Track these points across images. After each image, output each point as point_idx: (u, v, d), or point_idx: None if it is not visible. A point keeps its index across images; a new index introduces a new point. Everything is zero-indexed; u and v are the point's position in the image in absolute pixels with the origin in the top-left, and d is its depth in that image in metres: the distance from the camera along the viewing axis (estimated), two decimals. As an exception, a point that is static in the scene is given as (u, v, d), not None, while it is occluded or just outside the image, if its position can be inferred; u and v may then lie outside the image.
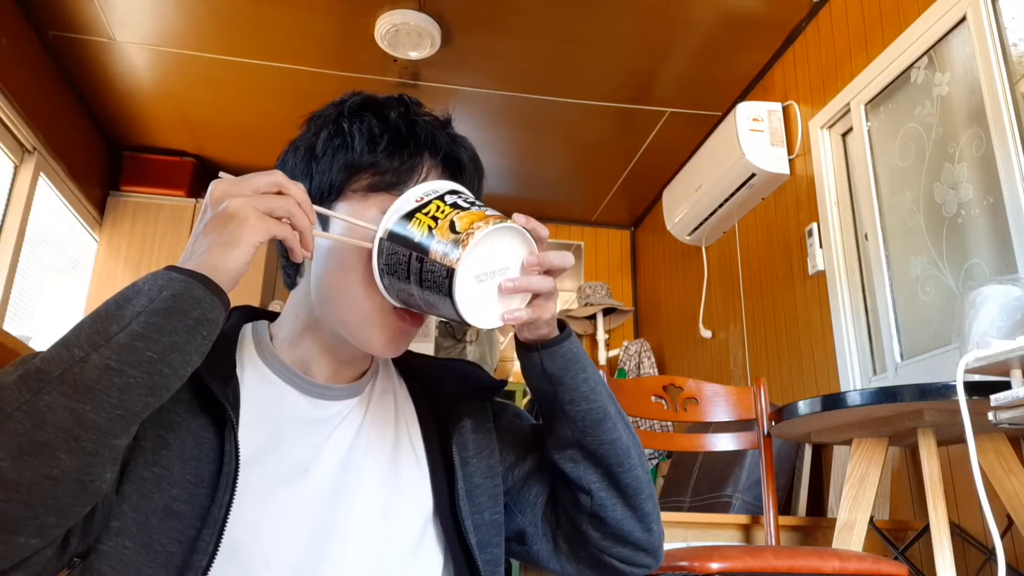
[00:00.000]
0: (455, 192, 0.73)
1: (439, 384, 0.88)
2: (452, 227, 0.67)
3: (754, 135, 2.89)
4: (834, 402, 1.60)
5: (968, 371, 1.22)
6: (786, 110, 2.93)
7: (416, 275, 0.68)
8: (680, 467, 2.58)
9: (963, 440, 1.37)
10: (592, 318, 4.07)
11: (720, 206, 3.19)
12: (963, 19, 2.08)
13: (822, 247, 2.63)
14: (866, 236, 2.47)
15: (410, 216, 0.70)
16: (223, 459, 0.69)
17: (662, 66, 3.08)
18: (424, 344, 3.79)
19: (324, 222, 0.78)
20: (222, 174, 0.68)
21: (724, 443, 1.96)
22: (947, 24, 2.14)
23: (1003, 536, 1.76)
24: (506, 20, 2.82)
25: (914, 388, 1.50)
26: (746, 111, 2.93)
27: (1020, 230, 1.84)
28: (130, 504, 0.66)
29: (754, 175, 2.91)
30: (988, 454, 1.59)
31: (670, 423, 3.17)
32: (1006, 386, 1.21)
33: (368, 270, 0.73)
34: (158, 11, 2.83)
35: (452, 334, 3.73)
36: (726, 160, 3.00)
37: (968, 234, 2.06)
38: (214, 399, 0.71)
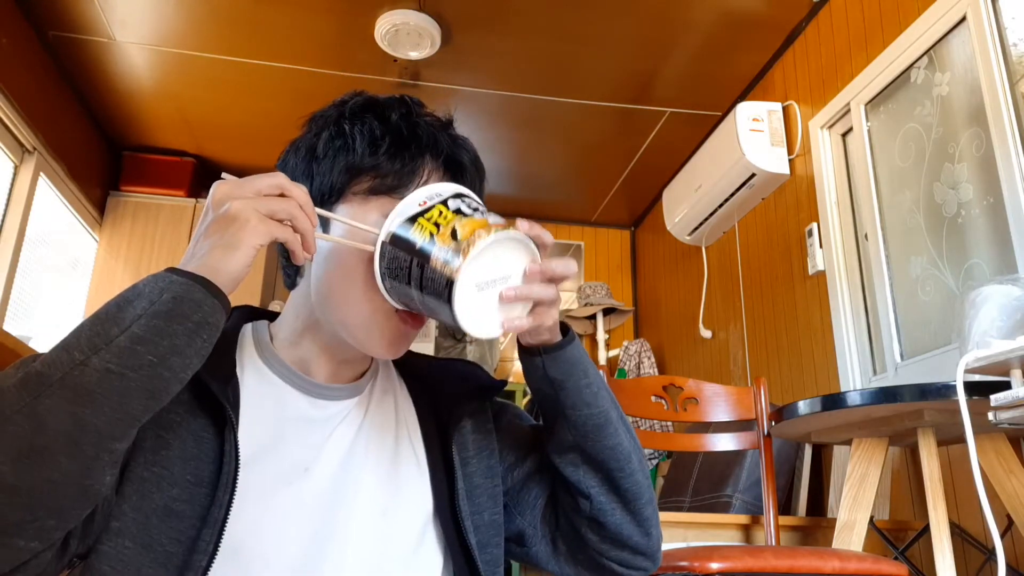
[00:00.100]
0: (459, 196, 0.72)
1: (439, 384, 0.88)
2: (454, 234, 0.67)
3: (754, 135, 2.89)
4: (834, 402, 1.60)
5: (968, 371, 1.22)
6: (786, 110, 2.93)
7: (417, 280, 0.68)
8: (680, 467, 2.58)
9: (963, 440, 1.37)
10: (592, 318, 4.07)
11: (720, 206, 3.19)
12: (963, 19, 2.08)
13: (822, 247, 2.63)
14: (866, 236, 2.47)
15: (413, 220, 0.69)
16: (223, 459, 0.69)
17: (662, 66, 3.08)
18: (424, 344, 3.78)
19: (325, 224, 0.78)
20: (224, 175, 0.67)
21: (724, 443, 1.96)
22: (947, 24, 2.14)
23: (1003, 536, 1.76)
24: (506, 20, 2.82)
25: (914, 388, 1.50)
26: (746, 111, 2.93)
27: (1020, 230, 1.84)
28: (130, 504, 0.66)
29: (754, 175, 2.91)
30: (988, 454, 1.59)
31: (670, 423, 3.17)
32: (1006, 386, 1.21)
33: (369, 272, 0.72)
34: (158, 11, 2.82)
35: (452, 334, 3.73)
36: (726, 160, 3.00)
37: (968, 234, 2.06)
38: (214, 399, 0.71)
